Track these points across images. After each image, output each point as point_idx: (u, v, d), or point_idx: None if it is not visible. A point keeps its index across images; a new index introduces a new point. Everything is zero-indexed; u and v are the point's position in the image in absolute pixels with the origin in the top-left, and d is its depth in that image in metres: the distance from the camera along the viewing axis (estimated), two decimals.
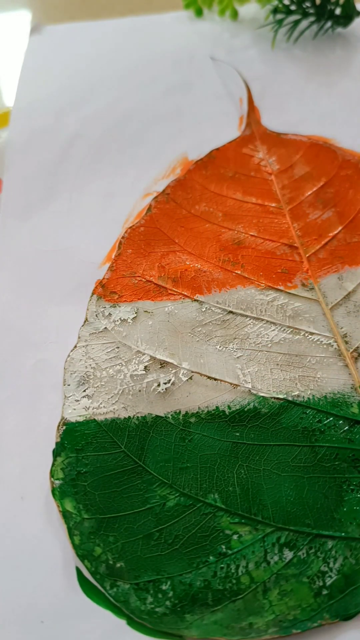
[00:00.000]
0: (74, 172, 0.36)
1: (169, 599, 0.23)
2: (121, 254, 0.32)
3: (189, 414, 0.26)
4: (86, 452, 0.25)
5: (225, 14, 0.45)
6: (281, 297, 0.29)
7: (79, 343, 0.29)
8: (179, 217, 0.33)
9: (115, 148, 0.38)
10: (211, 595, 0.23)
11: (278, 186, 0.34)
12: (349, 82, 0.40)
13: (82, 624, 0.23)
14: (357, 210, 0.32)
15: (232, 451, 0.25)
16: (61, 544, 0.24)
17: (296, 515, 0.24)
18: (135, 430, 0.26)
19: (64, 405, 0.27)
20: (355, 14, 0.42)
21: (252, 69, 0.41)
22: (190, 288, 0.30)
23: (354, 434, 0.25)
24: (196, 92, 0.40)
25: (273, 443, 0.25)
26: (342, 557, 0.23)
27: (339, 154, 0.35)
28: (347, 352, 0.28)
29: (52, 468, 0.25)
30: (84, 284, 0.31)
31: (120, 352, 0.28)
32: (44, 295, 0.31)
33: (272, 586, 0.23)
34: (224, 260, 0.31)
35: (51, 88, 0.41)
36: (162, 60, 0.42)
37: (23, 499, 0.25)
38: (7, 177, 0.36)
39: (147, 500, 0.24)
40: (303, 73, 0.41)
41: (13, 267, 0.32)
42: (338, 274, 0.30)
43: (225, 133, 0.38)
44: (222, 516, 0.24)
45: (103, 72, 0.42)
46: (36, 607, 0.23)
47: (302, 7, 0.42)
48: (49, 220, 0.34)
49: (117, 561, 0.23)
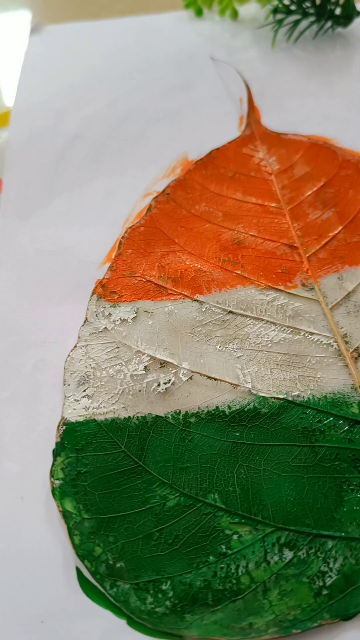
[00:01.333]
0: (74, 172, 0.36)
1: (169, 599, 0.23)
2: (121, 254, 0.32)
3: (189, 414, 0.26)
4: (86, 452, 0.25)
5: (225, 14, 0.45)
6: (281, 297, 0.29)
7: (79, 343, 0.29)
8: (179, 217, 0.33)
9: (115, 148, 0.38)
10: (211, 595, 0.23)
11: (278, 186, 0.34)
12: (349, 82, 0.40)
13: (82, 624, 0.23)
14: (357, 210, 0.32)
15: (232, 451, 0.25)
16: (61, 544, 0.24)
17: (296, 515, 0.24)
18: (135, 430, 0.26)
19: (64, 405, 0.27)
20: (355, 14, 0.42)
21: (252, 69, 0.41)
22: (190, 288, 0.30)
23: (354, 434, 0.25)
24: (196, 92, 0.40)
25: (273, 443, 0.25)
26: (342, 557, 0.23)
27: (339, 154, 0.35)
28: (347, 352, 0.28)
29: (52, 468, 0.25)
30: (84, 284, 0.31)
31: (120, 352, 0.28)
32: (44, 295, 0.31)
33: (272, 586, 0.23)
34: (224, 260, 0.31)
35: (51, 88, 0.41)
36: (162, 60, 0.42)
37: (23, 499, 0.25)
38: (7, 177, 0.36)
39: (147, 500, 0.24)
40: (303, 73, 0.41)
41: (13, 267, 0.32)
42: (338, 274, 0.30)
43: (225, 133, 0.38)
44: (222, 516, 0.24)
45: (103, 72, 0.42)
46: (36, 607, 0.23)
47: (302, 7, 0.42)
48: (49, 220, 0.34)
49: (117, 561, 0.23)
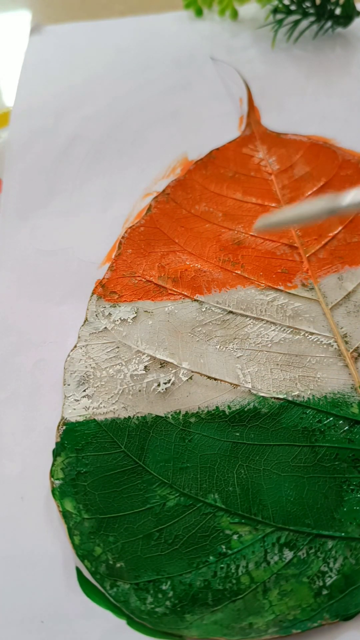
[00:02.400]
0: (74, 172, 0.36)
1: (169, 599, 0.23)
2: (121, 254, 0.32)
3: (189, 414, 0.26)
4: (86, 452, 0.25)
5: (225, 14, 0.45)
6: (281, 297, 0.29)
7: (79, 343, 0.29)
8: (179, 217, 0.33)
9: (115, 148, 0.38)
10: (211, 595, 0.23)
11: (278, 186, 0.34)
12: (349, 82, 0.40)
13: (82, 624, 0.23)
14: None
15: (232, 451, 0.25)
16: (61, 544, 0.24)
17: (296, 515, 0.24)
18: (135, 430, 0.26)
19: (64, 405, 0.27)
20: (355, 14, 0.42)
21: (252, 69, 0.41)
22: (190, 288, 0.30)
23: (354, 434, 0.25)
24: (196, 92, 0.40)
25: (273, 443, 0.25)
26: (342, 557, 0.23)
27: (339, 154, 0.35)
28: (347, 352, 0.28)
29: (52, 468, 0.25)
30: (84, 284, 0.31)
31: (120, 352, 0.28)
32: (44, 295, 0.31)
33: (272, 586, 0.23)
34: (224, 260, 0.31)
35: (51, 88, 0.41)
36: (162, 60, 0.42)
37: (23, 499, 0.25)
38: (7, 177, 0.36)
39: (147, 500, 0.24)
40: (303, 73, 0.41)
41: (13, 267, 0.32)
42: (338, 274, 0.30)
43: (225, 133, 0.38)
44: (222, 516, 0.24)
45: (103, 72, 0.42)
46: (36, 607, 0.23)
47: (302, 7, 0.42)
48: (49, 220, 0.34)
49: (117, 561, 0.23)
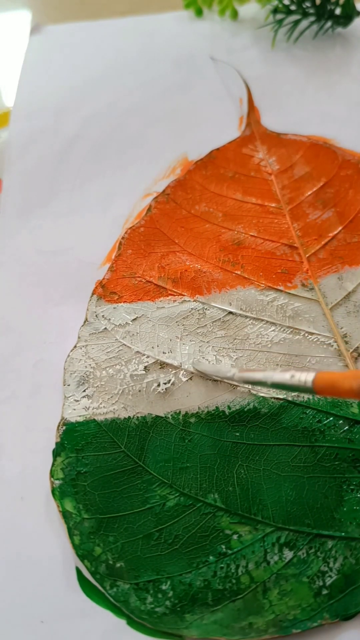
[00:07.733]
0: (74, 172, 0.36)
1: (169, 598, 0.23)
2: (121, 254, 0.32)
3: (189, 414, 0.26)
4: (86, 452, 0.25)
5: (225, 14, 0.45)
6: (281, 297, 0.29)
7: (79, 343, 0.29)
8: (179, 218, 0.33)
9: (115, 148, 0.38)
10: (211, 595, 0.23)
11: (278, 186, 0.34)
12: (349, 82, 0.40)
13: (82, 624, 0.23)
14: (357, 210, 0.32)
15: (232, 451, 0.25)
16: (61, 544, 0.24)
17: (296, 515, 0.24)
18: (135, 430, 0.26)
19: (64, 405, 0.27)
20: (355, 14, 0.42)
21: (252, 69, 0.41)
22: (190, 288, 0.30)
23: (354, 434, 0.25)
24: (196, 92, 0.40)
25: (273, 443, 0.25)
26: (342, 557, 0.23)
27: (339, 154, 0.35)
28: (347, 352, 0.28)
29: (52, 468, 0.25)
30: (84, 284, 0.31)
31: (120, 352, 0.28)
32: (44, 295, 0.31)
33: (272, 586, 0.23)
34: (224, 260, 0.31)
35: (51, 88, 0.41)
36: (162, 60, 0.42)
37: (23, 499, 0.25)
38: (7, 177, 0.36)
39: (147, 500, 0.24)
40: (303, 73, 0.41)
41: (13, 267, 0.32)
42: (338, 274, 0.30)
43: (225, 133, 0.38)
44: (222, 516, 0.24)
45: (103, 72, 0.42)
46: (36, 607, 0.23)
47: (302, 7, 0.42)
48: (49, 220, 0.34)
49: (117, 561, 0.23)
